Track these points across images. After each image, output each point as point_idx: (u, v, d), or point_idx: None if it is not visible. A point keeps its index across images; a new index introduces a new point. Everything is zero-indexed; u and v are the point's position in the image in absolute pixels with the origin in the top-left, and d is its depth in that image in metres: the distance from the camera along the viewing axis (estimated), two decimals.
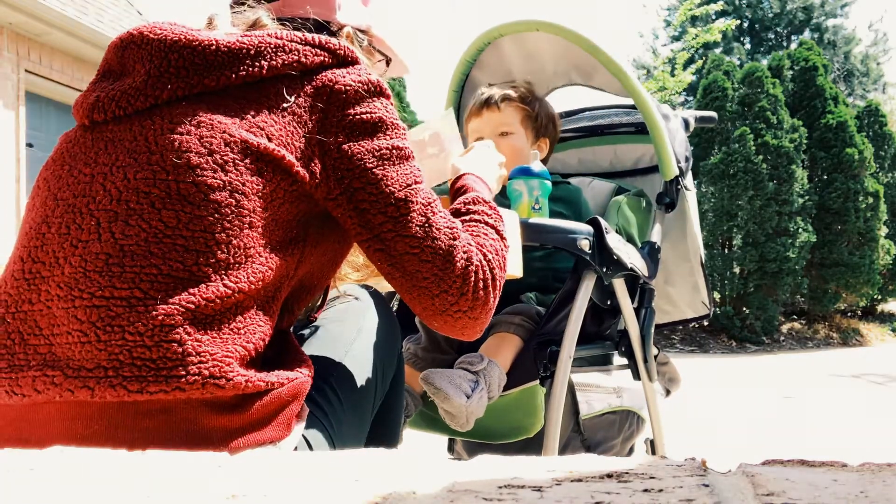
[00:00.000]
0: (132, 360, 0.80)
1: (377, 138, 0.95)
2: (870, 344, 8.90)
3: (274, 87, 0.93)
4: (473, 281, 0.97)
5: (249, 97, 0.92)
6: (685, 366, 2.60)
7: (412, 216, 0.95)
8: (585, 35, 1.78)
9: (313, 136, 0.93)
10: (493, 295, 1.01)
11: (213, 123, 0.89)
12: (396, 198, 0.94)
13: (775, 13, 18.34)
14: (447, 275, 0.96)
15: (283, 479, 0.56)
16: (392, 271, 0.97)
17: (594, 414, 1.70)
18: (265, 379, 0.86)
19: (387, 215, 0.94)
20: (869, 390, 5.31)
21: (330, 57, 0.97)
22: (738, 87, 8.57)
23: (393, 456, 0.65)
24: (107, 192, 0.87)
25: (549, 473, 0.55)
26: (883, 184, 9.24)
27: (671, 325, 2.17)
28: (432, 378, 1.43)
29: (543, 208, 1.56)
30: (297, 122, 0.92)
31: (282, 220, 0.91)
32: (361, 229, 0.95)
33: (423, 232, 0.95)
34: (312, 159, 0.92)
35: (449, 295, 0.96)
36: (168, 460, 0.63)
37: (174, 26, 0.96)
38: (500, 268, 1.04)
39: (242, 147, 0.88)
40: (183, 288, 0.83)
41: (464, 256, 0.97)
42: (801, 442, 3.43)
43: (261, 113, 0.91)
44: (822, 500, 0.46)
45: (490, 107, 1.80)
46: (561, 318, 1.53)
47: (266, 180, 0.89)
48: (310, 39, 0.97)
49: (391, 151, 0.96)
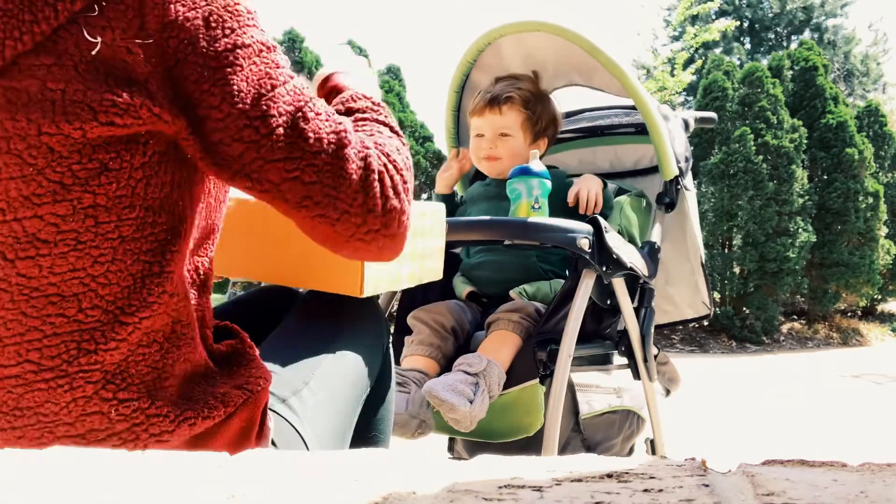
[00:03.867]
0: (57, 440, 0.70)
1: (213, 40, 0.71)
2: (870, 344, 8.89)
3: (72, 34, 0.68)
4: (380, 191, 0.79)
5: (48, 63, 0.68)
6: (685, 366, 2.60)
7: (276, 133, 0.73)
8: (585, 35, 1.78)
9: (139, 68, 0.70)
10: (407, 201, 0.83)
11: (24, 127, 0.68)
12: (251, 115, 0.72)
13: (775, 13, 18.33)
14: (343, 192, 0.76)
15: (282, 479, 0.56)
16: (277, 205, 0.78)
17: (594, 413, 1.70)
18: (210, 413, 0.75)
19: (243, 141, 0.73)
20: (869, 390, 5.31)
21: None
22: (738, 87, 8.56)
23: (393, 456, 0.65)
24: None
25: (549, 473, 0.55)
26: (883, 184, 9.24)
27: (671, 325, 2.17)
28: (436, 391, 1.44)
29: (543, 208, 1.56)
30: (115, 64, 0.69)
31: (157, 204, 0.73)
32: (220, 168, 0.75)
33: (298, 149, 0.74)
34: (153, 96, 0.70)
35: (352, 216, 0.78)
36: (168, 460, 0.63)
37: None
38: (407, 167, 0.85)
39: (71, 144, 0.69)
40: (77, 345, 0.70)
41: (359, 165, 0.77)
42: (801, 442, 3.43)
43: (69, 78, 0.68)
44: (822, 500, 0.46)
45: (493, 108, 1.81)
46: (561, 316, 1.53)
47: (116, 171, 0.71)
48: None
49: (233, 53, 0.72)
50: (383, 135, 0.87)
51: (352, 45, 9.35)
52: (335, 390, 1.02)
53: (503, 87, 1.84)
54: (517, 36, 1.94)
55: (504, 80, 1.86)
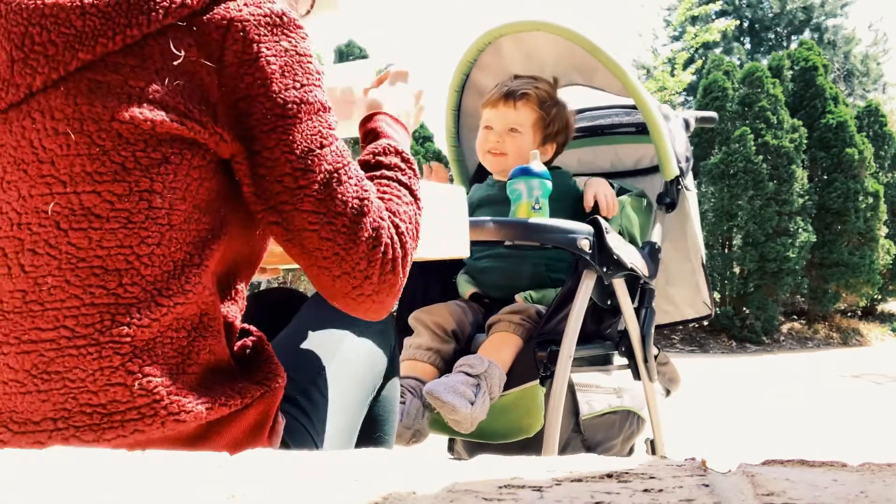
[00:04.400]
0: (80, 407, 0.73)
1: (282, 90, 0.80)
2: (870, 344, 8.89)
3: (159, 43, 0.77)
4: (381, 263, 0.86)
5: (133, 63, 0.76)
6: (685, 366, 2.60)
7: (312, 187, 0.81)
8: (586, 35, 1.78)
9: (213, 92, 0.78)
10: (403, 274, 0.89)
11: (99, 112, 0.75)
12: (294, 166, 0.80)
13: (775, 13, 18.33)
14: (350, 255, 0.83)
15: (282, 479, 0.56)
16: (288, 247, 0.85)
17: (594, 414, 1.70)
18: (227, 402, 0.79)
19: (283, 185, 0.81)
20: (869, 390, 5.31)
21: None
22: (738, 87, 8.56)
23: (393, 456, 0.64)
24: (4, 216, 0.75)
25: (549, 473, 0.55)
26: (883, 184, 9.24)
27: (672, 326, 2.17)
28: (437, 392, 1.43)
29: (543, 208, 1.56)
30: (193, 80, 0.77)
31: (205, 205, 0.80)
32: (256, 199, 0.82)
33: (325, 206, 0.82)
34: (218, 119, 0.79)
35: (351, 277, 0.84)
36: (168, 460, 0.63)
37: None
38: (414, 238, 0.92)
39: (139, 134, 0.75)
40: (112, 318, 0.74)
41: (371, 234, 0.84)
42: (801, 442, 3.43)
43: (150, 80, 0.76)
44: (822, 500, 0.46)
45: (507, 102, 1.79)
46: (561, 317, 1.53)
47: (175, 165, 0.77)
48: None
49: (298, 107, 0.81)
50: (402, 200, 0.93)
51: (351, 45, 9.35)
52: (343, 390, 1.04)
53: (521, 83, 1.82)
54: (517, 36, 1.94)
55: (523, 78, 1.85)
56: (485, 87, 2.05)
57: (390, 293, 0.89)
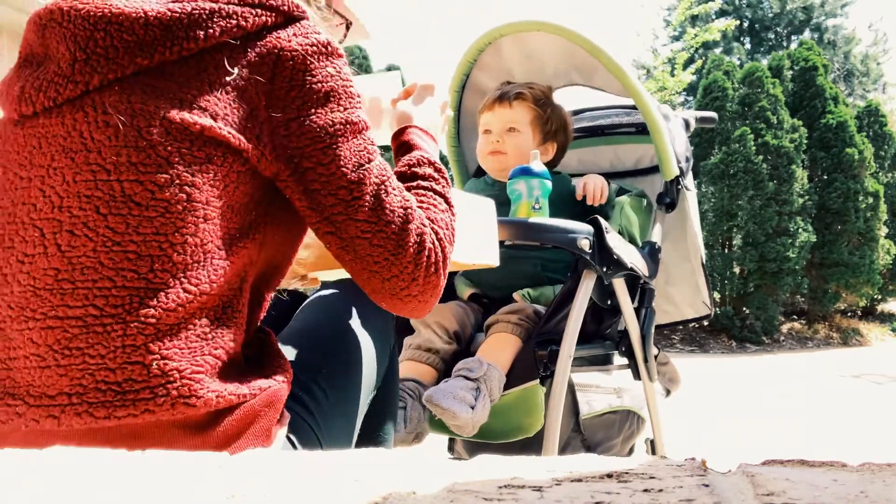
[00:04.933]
0: (96, 384, 0.76)
1: (330, 111, 0.87)
2: (870, 344, 8.90)
3: (213, 58, 0.84)
4: (425, 266, 0.93)
5: (188, 74, 0.83)
6: (685, 366, 2.60)
7: (364, 199, 0.89)
8: (586, 35, 1.78)
9: (260, 112, 0.85)
10: (443, 275, 0.97)
11: (150, 111, 0.81)
12: (349, 179, 0.88)
13: (775, 13, 18.33)
14: (399, 259, 0.91)
15: (282, 479, 0.56)
16: (342, 254, 0.92)
17: (594, 414, 1.70)
18: (236, 392, 0.82)
19: (338, 198, 0.88)
20: (869, 390, 5.31)
21: (273, 16, 0.88)
22: (738, 87, 8.57)
23: (393, 456, 0.64)
24: (47, 199, 0.80)
25: (549, 473, 0.55)
26: (883, 184, 9.24)
27: (672, 325, 2.17)
28: (437, 399, 1.43)
29: (543, 208, 1.56)
30: (243, 96, 0.84)
31: (238, 206, 0.85)
32: (311, 211, 0.89)
33: (376, 215, 0.89)
34: (261, 138, 0.85)
35: (400, 280, 0.92)
36: (168, 460, 0.63)
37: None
38: (451, 242, 1.00)
39: (186, 133, 0.81)
40: (140, 300, 0.78)
41: (416, 240, 0.92)
42: (801, 442, 3.43)
43: (203, 91, 0.83)
44: (822, 500, 0.46)
45: (503, 103, 1.81)
46: (561, 317, 1.53)
47: (217, 165, 0.82)
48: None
49: (345, 127, 0.88)
50: (438, 208, 1.01)
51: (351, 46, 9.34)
52: (344, 388, 1.05)
53: (515, 85, 1.84)
54: (517, 36, 1.94)
55: (518, 83, 1.87)
56: (485, 87, 2.05)
57: (433, 293, 0.97)
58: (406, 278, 0.92)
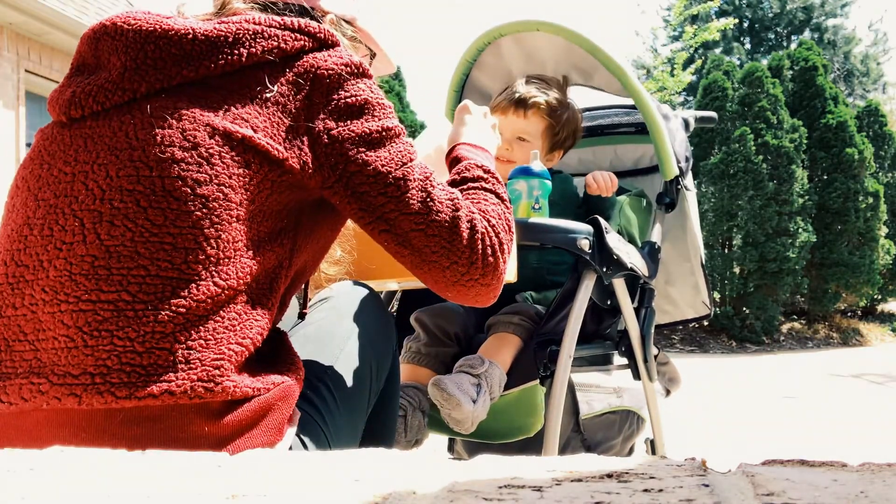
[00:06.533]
0: (121, 365, 0.79)
1: (366, 120, 0.94)
2: (870, 344, 8.89)
3: (255, 75, 0.91)
4: (481, 248, 0.97)
5: (230, 87, 0.90)
6: (685, 366, 2.60)
7: (412, 193, 0.94)
8: (585, 35, 1.78)
9: (300, 125, 0.91)
10: (503, 259, 1.01)
11: (194, 116, 0.87)
12: (394, 176, 0.93)
13: (775, 13, 18.33)
14: (455, 246, 0.95)
15: (282, 479, 0.56)
16: (400, 250, 0.97)
17: (594, 414, 1.70)
18: (252, 385, 0.85)
19: (387, 195, 0.93)
20: (869, 390, 5.31)
21: (310, 41, 0.95)
22: (738, 87, 8.57)
23: (393, 456, 0.65)
24: (89, 192, 0.85)
25: (549, 473, 0.55)
26: (883, 184, 9.24)
27: (672, 325, 2.17)
28: (444, 384, 1.43)
29: (543, 208, 1.56)
30: (282, 111, 0.90)
31: (270, 212, 0.90)
32: (363, 213, 0.94)
33: (426, 207, 0.95)
34: (302, 149, 0.90)
35: (459, 265, 0.96)
36: (168, 460, 0.63)
37: (149, 15, 0.93)
38: (507, 230, 1.03)
39: (227, 139, 0.86)
40: (172, 289, 0.82)
41: (468, 226, 0.97)
42: (801, 442, 3.43)
43: (244, 103, 0.89)
44: (822, 500, 0.46)
45: (517, 110, 1.77)
46: (561, 317, 1.53)
47: (253, 171, 0.87)
48: (289, 24, 0.94)
49: (382, 132, 0.95)
50: (489, 202, 1.05)
51: None
52: (348, 388, 1.07)
53: (532, 90, 1.79)
54: (517, 35, 1.94)
55: (534, 83, 1.82)
56: (485, 86, 2.04)
57: (495, 276, 1.00)
58: (465, 263, 0.96)
